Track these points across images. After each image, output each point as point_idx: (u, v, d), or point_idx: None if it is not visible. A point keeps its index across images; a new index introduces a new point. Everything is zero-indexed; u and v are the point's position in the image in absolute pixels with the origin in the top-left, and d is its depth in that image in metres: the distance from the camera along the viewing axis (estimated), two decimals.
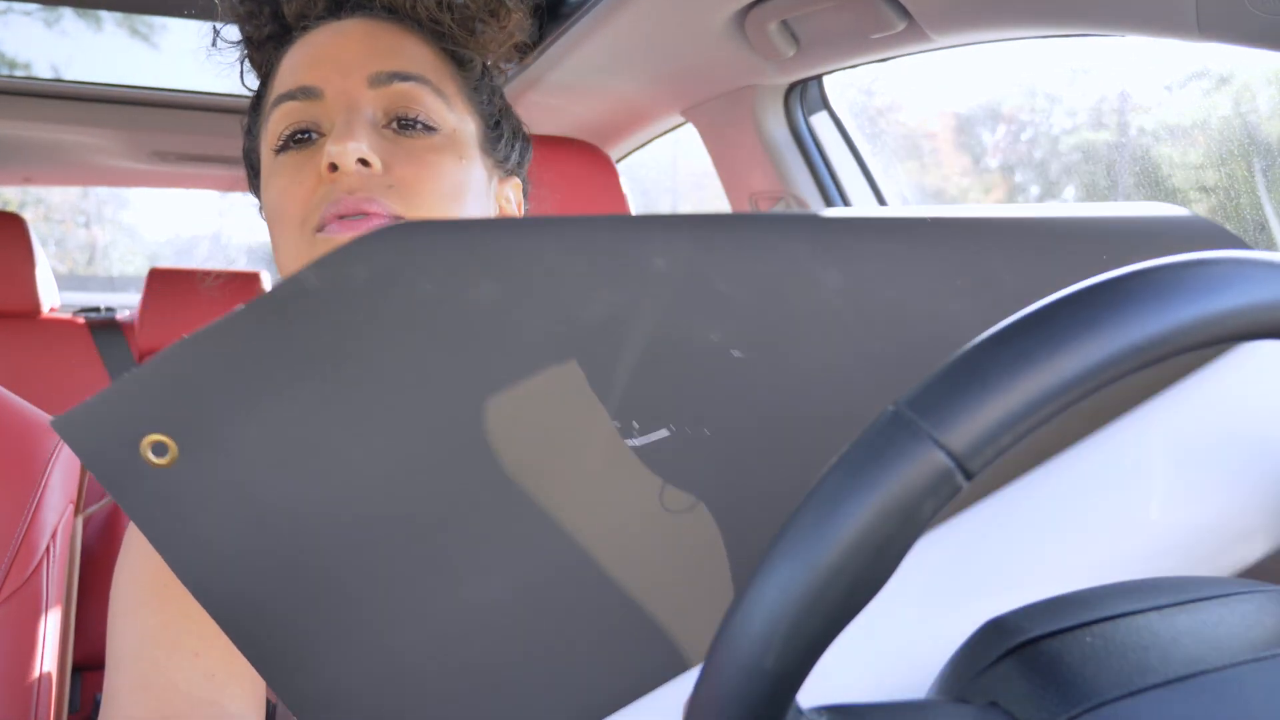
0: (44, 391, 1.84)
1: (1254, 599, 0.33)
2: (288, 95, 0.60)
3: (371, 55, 0.60)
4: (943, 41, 1.00)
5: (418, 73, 0.61)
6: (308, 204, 0.58)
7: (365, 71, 0.60)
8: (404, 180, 0.58)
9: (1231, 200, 1.26)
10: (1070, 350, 0.27)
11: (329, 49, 0.61)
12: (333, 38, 0.62)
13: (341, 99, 0.59)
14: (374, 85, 0.60)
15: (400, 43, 0.63)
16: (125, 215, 11.93)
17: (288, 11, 0.63)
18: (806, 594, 0.27)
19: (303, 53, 0.62)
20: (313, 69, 0.60)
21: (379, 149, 0.58)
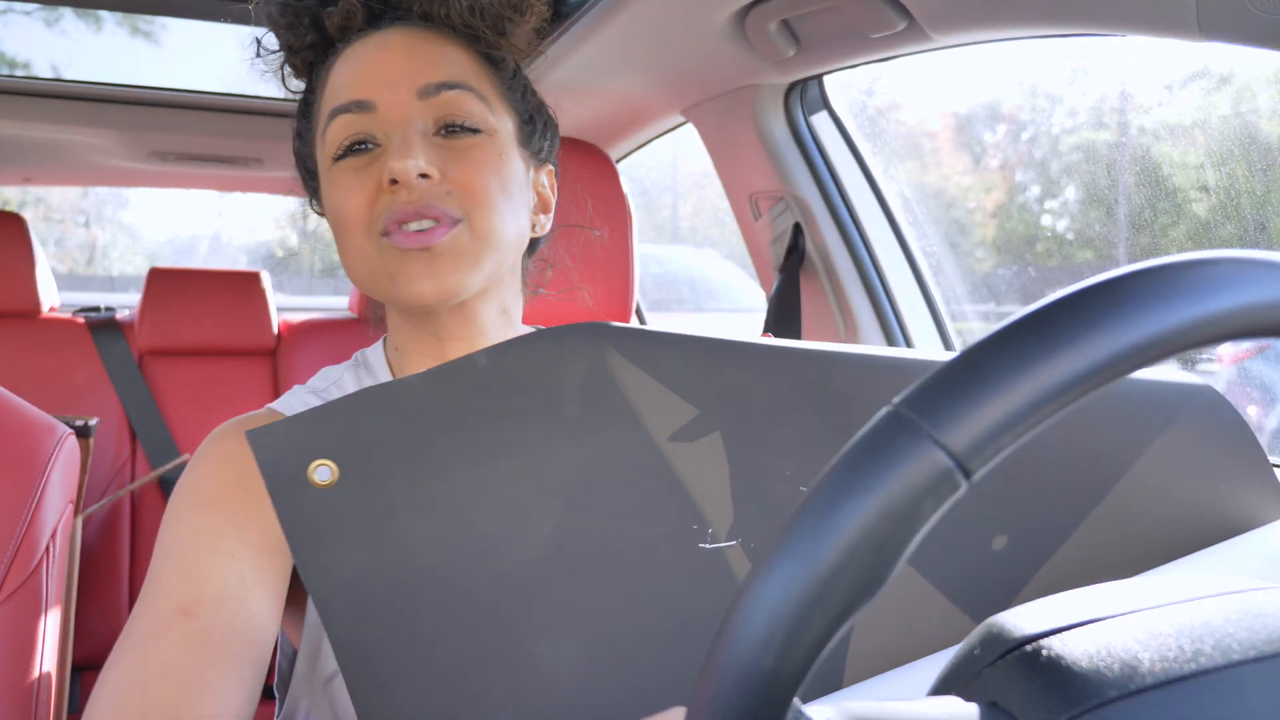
0: (44, 391, 1.84)
1: (1254, 598, 0.33)
2: (343, 109, 0.65)
3: (417, 68, 0.66)
4: (943, 41, 1.00)
5: (461, 80, 0.67)
6: (371, 211, 0.64)
7: (414, 85, 0.65)
8: (458, 183, 0.65)
9: (1232, 200, 1.26)
10: (1070, 350, 0.27)
11: (377, 63, 0.66)
12: (379, 51, 0.66)
13: (393, 111, 0.65)
14: (423, 97, 0.65)
15: (440, 52, 0.67)
16: (125, 215, 11.91)
17: (329, 24, 0.67)
18: (806, 594, 0.27)
19: (352, 67, 0.67)
20: (364, 84, 0.65)
21: (432, 157, 0.64)
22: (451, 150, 0.65)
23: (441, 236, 0.63)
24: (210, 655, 0.54)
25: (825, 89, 1.34)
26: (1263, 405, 2.03)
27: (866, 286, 1.33)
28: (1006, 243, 3.58)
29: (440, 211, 0.63)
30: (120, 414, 1.87)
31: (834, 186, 1.34)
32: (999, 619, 0.33)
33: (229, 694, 0.54)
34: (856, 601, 0.27)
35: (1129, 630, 0.31)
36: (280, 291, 2.63)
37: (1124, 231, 1.61)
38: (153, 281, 1.98)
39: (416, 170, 0.62)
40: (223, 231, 13.97)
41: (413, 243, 0.63)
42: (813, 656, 0.27)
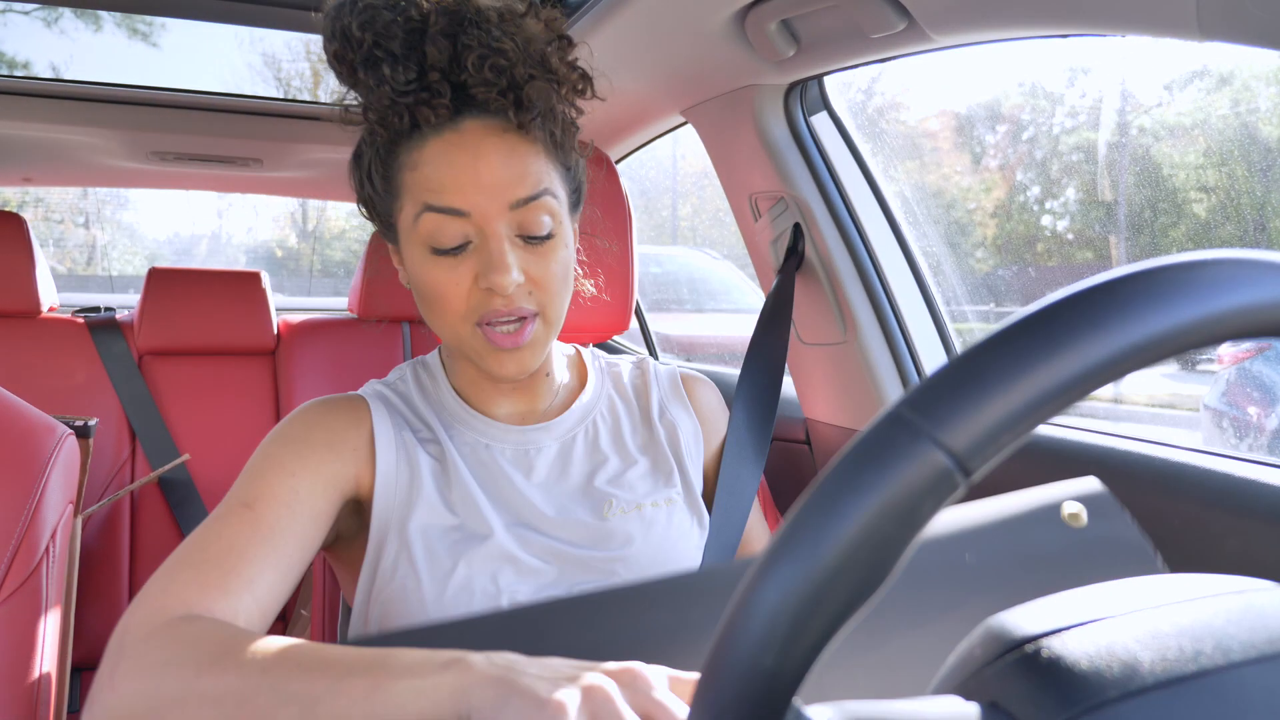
0: (43, 391, 1.84)
1: (1254, 598, 0.33)
2: (440, 210, 0.76)
3: (509, 182, 0.76)
4: (943, 41, 1.00)
5: (543, 189, 0.77)
6: (467, 303, 0.78)
7: (506, 199, 0.76)
8: (538, 283, 0.78)
9: (1232, 200, 1.26)
10: (1070, 350, 0.27)
11: (471, 172, 0.75)
12: (472, 160, 0.75)
13: (487, 223, 0.76)
14: (513, 209, 0.76)
15: (525, 160, 0.77)
16: (125, 215, 11.88)
17: (420, 116, 0.76)
18: (806, 593, 0.27)
19: (447, 170, 0.76)
20: (461, 192, 0.75)
21: (518, 260, 0.77)
22: (531, 252, 0.78)
23: (526, 336, 0.78)
24: (260, 537, 0.70)
25: (825, 89, 1.34)
26: (1263, 405, 2.03)
27: (866, 287, 1.32)
28: (1006, 243, 3.58)
29: (524, 311, 0.78)
30: (120, 414, 1.87)
31: (834, 187, 1.34)
32: (999, 619, 0.33)
33: (267, 570, 0.69)
34: (856, 601, 0.27)
35: (1129, 630, 0.31)
36: (279, 292, 2.63)
37: (1124, 231, 1.61)
38: (152, 281, 1.98)
39: (514, 284, 0.76)
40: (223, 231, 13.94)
41: (506, 343, 0.78)
42: (813, 656, 0.27)
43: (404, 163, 0.78)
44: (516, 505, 0.83)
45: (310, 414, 0.82)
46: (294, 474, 0.75)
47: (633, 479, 0.88)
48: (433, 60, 0.74)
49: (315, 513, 0.75)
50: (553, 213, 0.78)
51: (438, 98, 0.75)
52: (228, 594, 0.66)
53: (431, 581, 0.77)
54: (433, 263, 0.77)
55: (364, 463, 0.82)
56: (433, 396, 0.89)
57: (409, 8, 0.74)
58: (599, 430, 0.91)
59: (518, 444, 0.87)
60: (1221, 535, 0.87)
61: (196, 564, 0.67)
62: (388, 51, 0.74)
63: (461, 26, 0.74)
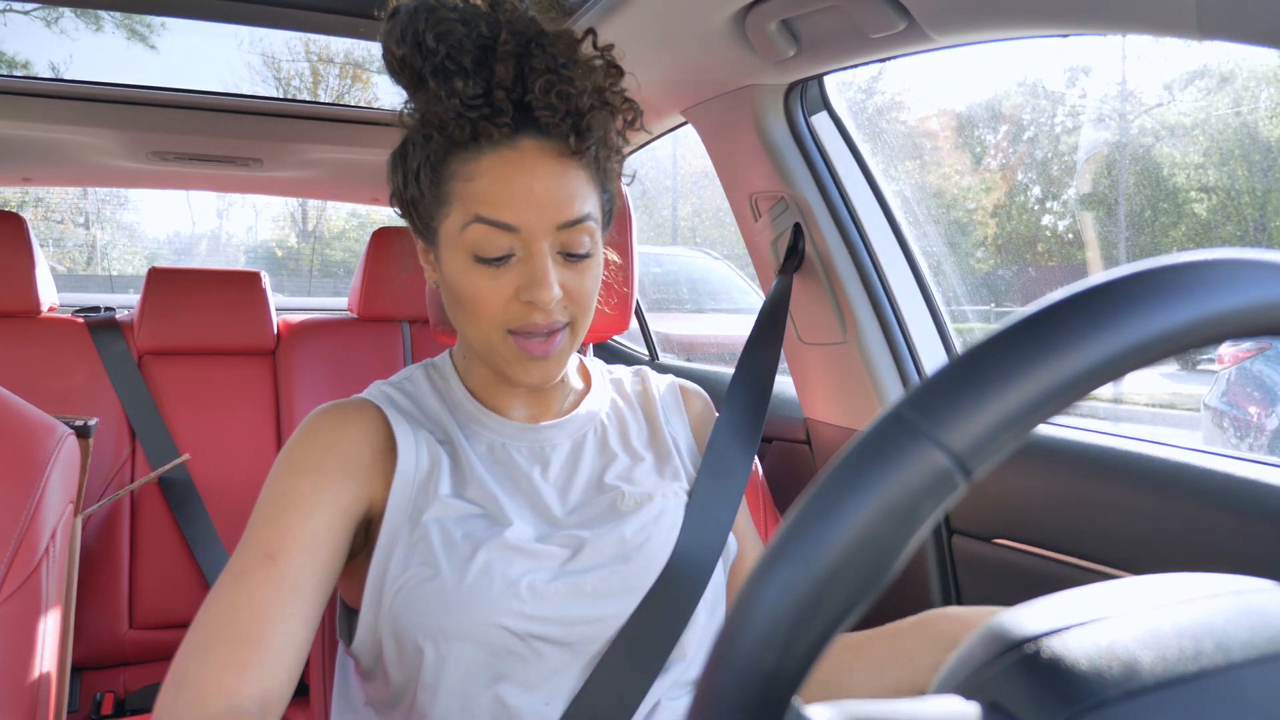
0: (44, 391, 1.84)
1: (1254, 598, 0.33)
2: (489, 222, 0.78)
3: (559, 204, 0.78)
4: (943, 41, 1.00)
5: (588, 214, 0.80)
6: (504, 312, 0.80)
7: (554, 219, 0.78)
8: (573, 297, 0.81)
9: (1232, 200, 1.26)
10: (1070, 350, 0.27)
11: (524, 189, 0.77)
12: (526, 178, 0.78)
13: (534, 240, 0.78)
14: (559, 229, 0.79)
15: (574, 184, 0.79)
16: (125, 215, 11.88)
17: (482, 130, 0.78)
18: (806, 594, 0.27)
19: (501, 185, 0.78)
20: (513, 208, 0.77)
21: (558, 276, 0.79)
22: (571, 269, 0.81)
23: (556, 345, 0.82)
24: (286, 593, 0.72)
25: (825, 89, 1.34)
26: (1263, 405, 2.03)
27: (867, 286, 1.32)
28: (1006, 243, 3.58)
29: (559, 325, 0.81)
30: (120, 414, 1.87)
31: (834, 187, 1.34)
32: (999, 619, 0.33)
33: (299, 625, 0.72)
34: (856, 601, 0.27)
35: (1129, 630, 0.31)
36: (279, 292, 2.63)
37: (1124, 231, 1.61)
38: (152, 281, 1.98)
39: (554, 301, 0.78)
40: (223, 231, 13.94)
41: (537, 352, 0.81)
42: (813, 656, 0.27)
43: (457, 172, 0.80)
44: (531, 496, 0.86)
45: (322, 432, 0.83)
46: (311, 514, 0.77)
47: (641, 475, 0.91)
48: (500, 78, 0.76)
49: (334, 549, 0.77)
50: (592, 234, 0.81)
51: (501, 115, 0.77)
52: (264, 676, 0.69)
53: (451, 569, 0.78)
54: (475, 270, 0.80)
55: (376, 477, 0.83)
56: (446, 397, 0.91)
57: (480, 23, 0.77)
58: (607, 430, 0.94)
59: (533, 441, 0.89)
60: (1221, 535, 0.87)
61: (228, 639, 0.69)
62: (459, 65, 0.76)
63: (528, 48, 0.77)
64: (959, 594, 1.21)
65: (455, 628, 0.77)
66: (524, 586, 0.78)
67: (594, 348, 1.50)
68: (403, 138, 0.85)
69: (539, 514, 0.85)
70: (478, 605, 0.77)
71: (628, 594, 0.82)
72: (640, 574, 0.83)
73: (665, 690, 0.83)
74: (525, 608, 0.78)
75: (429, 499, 0.83)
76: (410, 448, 0.84)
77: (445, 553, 0.79)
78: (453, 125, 0.78)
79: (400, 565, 0.80)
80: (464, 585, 0.78)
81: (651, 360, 2.22)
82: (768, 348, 1.18)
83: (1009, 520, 1.11)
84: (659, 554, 0.85)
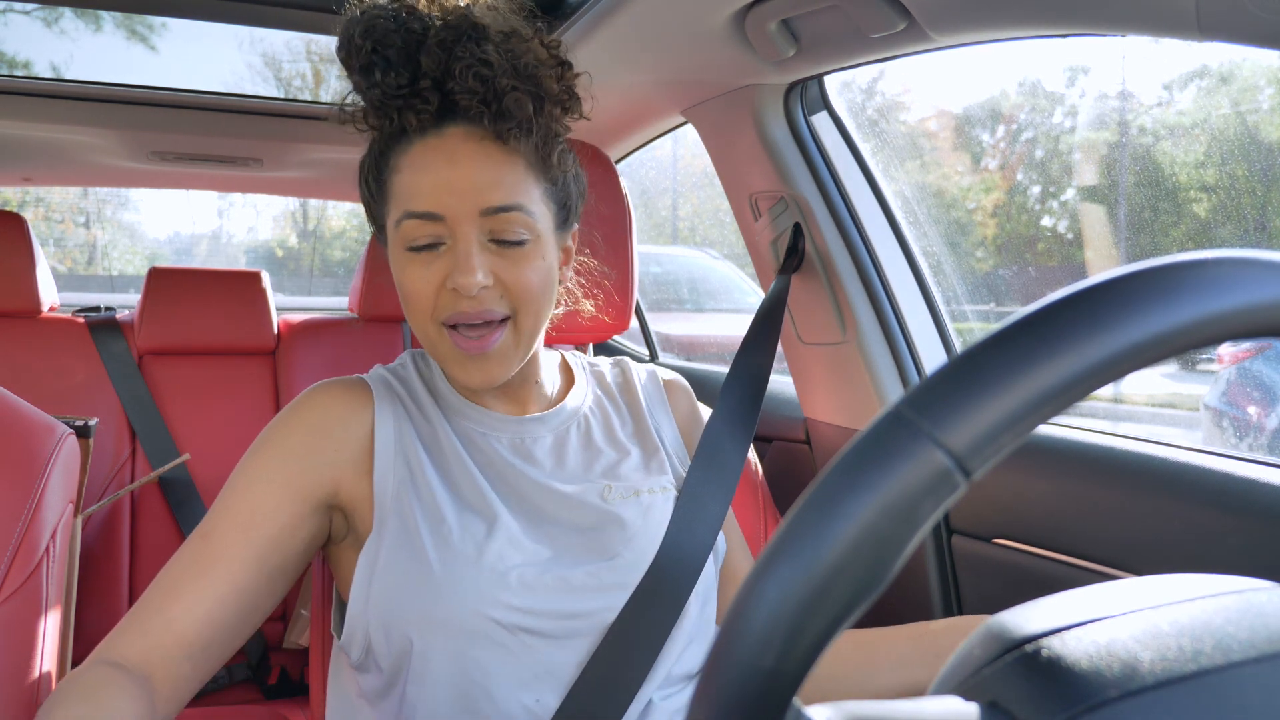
0: (44, 391, 1.84)
1: (1254, 598, 0.33)
2: (415, 215, 0.79)
3: (482, 188, 0.78)
4: (943, 41, 1.00)
5: (516, 203, 0.79)
6: (435, 302, 0.80)
7: (477, 205, 0.78)
8: (508, 287, 0.80)
9: (1232, 200, 1.26)
10: (1070, 350, 0.27)
11: (446, 179, 0.78)
12: (449, 168, 0.78)
13: (458, 225, 0.78)
14: (484, 215, 0.78)
15: (500, 170, 0.79)
16: (125, 215, 11.89)
17: (406, 120, 0.80)
18: (806, 593, 0.27)
19: (426, 177, 0.79)
20: (436, 198, 0.78)
21: (487, 264, 0.79)
22: (503, 257, 0.80)
23: (494, 343, 0.80)
24: (202, 567, 0.77)
25: (825, 89, 1.34)
26: (1263, 405, 2.03)
27: (867, 286, 1.32)
28: (1007, 242, 3.58)
29: (493, 314, 0.80)
30: (120, 414, 1.87)
31: (834, 186, 1.34)
32: (999, 619, 0.33)
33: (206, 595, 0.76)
34: (856, 601, 0.27)
35: (1129, 630, 0.31)
36: (280, 292, 2.64)
37: (1124, 231, 1.61)
38: (153, 281, 1.98)
39: (478, 286, 0.77)
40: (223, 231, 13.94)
41: (472, 349, 0.80)
42: (813, 656, 0.27)
43: (394, 165, 0.82)
44: (518, 487, 0.86)
45: (300, 412, 0.85)
46: (258, 494, 0.80)
47: (627, 469, 0.91)
48: (426, 68, 0.78)
49: (279, 526, 0.80)
50: (528, 226, 0.80)
51: (424, 104, 0.78)
52: (145, 636, 0.74)
53: (439, 559, 0.79)
54: (407, 260, 0.80)
55: (352, 461, 0.84)
56: (431, 387, 0.92)
57: (411, 20, 0.78)
58: (591, 425, 0.94)
59: (515, 433, 0.89)
60: (1221, 535, 0.87)
61: (135, 608, 0.76)
62: (383, 57, 0.78)
63: (459, 40, 0.78)
64: (959, 594, 1.21)
65: (442, 617, 0.77)
66: (513, 578, 0.78)
67: (594, 348, 1.50)
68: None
69: (525, 507, 0.85)
70: (465, 595, 0.77)
71: (617, 589, 0.82)
72: (629, 569, 0.83)
73: (657, 687, 0.83)
74: (514, 600, 0.78)
75: (414, 488, 0.83)
76: (389, 437, 0.85)
77: (433, 543, 0.79)
78: (379, 116, 0.81)
79: (389, 556, 0.80)
80: (452, 575, 0.78)
81: (652, 360, 2.22)
82: (764, 346, 1.19)
83: (1009, 520, 1.11)
84: (647, 549, 0.85)
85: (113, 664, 0.72)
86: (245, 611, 0.78)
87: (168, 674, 0.74)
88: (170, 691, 0.74)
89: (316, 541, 0.85)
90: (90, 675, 0.70)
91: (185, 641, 0.75)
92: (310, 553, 0.84)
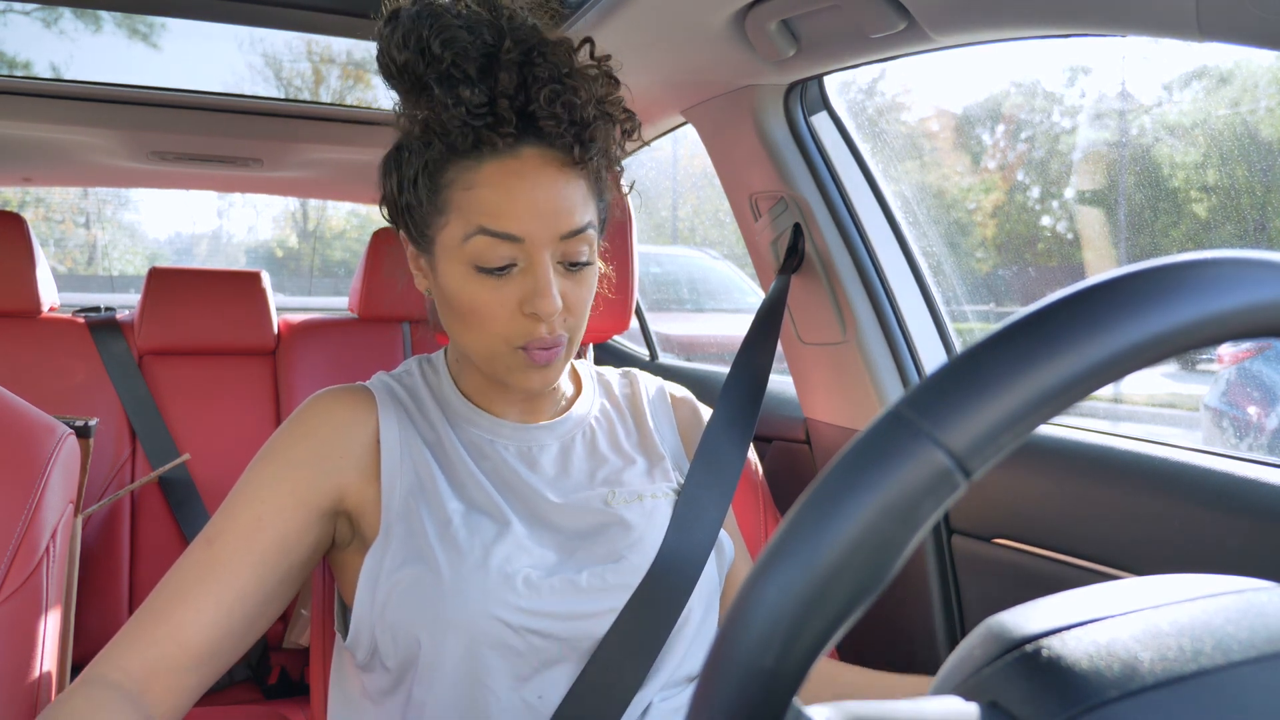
0: (44, 391, 1.84)
1: (1254, 598, 0.33)
2: (495, 234, 0.77)
3: (562, 213, 0.78)
4: (943, 41, 1.00)
5: (589, 223, 0.81)
6: (509, 326, 0.80)
7: (557, 230, 0.78)
8: (572, 309, 0.82)
9: (1232, 200, 1.26)
10: (1070, 350, 0.27)
11: (527, 200, 0.77)
12: (529, 189, 0.77)
13: (537, 251, 0.78)
14: (562, 239, 0.79)
15: (576, 193, 0.79)
16: (125, 215, 11.90)
17: (485, 139, 0.78)
18: (806, 594, 0.27)
19: (504, 195, 0.77)
20: (516, 219, 0.77)
21: (560, 288, 0.80)
22: (571, 279, 0.81)
23: (558, 355, 0.82)
24: (207, 573, 0.77)
25: (825, 89, 1.34)
26: (1263, 405, 2.03)
27: (866, 286, 1.32)
28: (1007, 243, 3.58)
29: (562, 339, 0.82)
30: (120, 414, 1.87)
31: (834, 187, 1.34)
32: (999, 619, 0.33)
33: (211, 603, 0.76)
34: (856, 601, 0.27)
35: (1129, 630, 0.31)
36: (280, 292, 2.64)
37: (1124, 231, 1.61)
38: (153, 281, 1.98)
39: (557, 312, 0.79)
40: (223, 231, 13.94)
41: (544, 360, 0.81)
42: (813, 656, 0.27)
43: (456, 180, 0.79)
44: (523, 493, 0.86)
45: (304, 420, 0.86)
46: (263, 501, 0.80)
47: (631, 477, 0.91)
48: (504, 87, 0.76)
49: (284, 534, 0.80)
50: (591, 243, 0.82)
51: (504, 124, 0.77)
52: (152, 646, 0.74)
53: (447, 562, 0.79)
54: (477, 281, 0.79)
55: (356, 469, 0.84)
56: (438, 394, 0.92)
57: (484, 31, 0.76)
58: (596, 433, 0.94)
59: (521, 441, 0.90)
60: (1221, 535, 0.87)
61: (138, 615, 0.76)
62: (464, 73, 0.76)
63: (530, 57, 0.77)
64: (959, 594, 1.21)
65: (451, 618, 0.77)
66: (520, 581, 0.79)
67: (594, 348, 1.50)
68: (397, 142, 0.85)
69: (531, 511, 0.85)
70: (474, 596, 0.77)
71: (621, 590, 0.82)
72: (633, 571, 0.83)
73: (658, 690, 0.84)
74: (521, 601, 0.78)
75: (422, 495, 0.83)
76: (394, 444, 0.85)
77: (441, 547, 0.80)
78: (456, 133, 0.77)
79: (395, 561, 0.80)
80: (460, 577, 0.78)
81: (651, 360, 2.22)
82: (764, 347, 1.19)
83: (1009, 520, 1.11)
84: (651, 550, 0.85)
85: (108, 682, 0.71)
86: (250, 619, 0.78)
87: (171, 684, 0.73)
88: (172, 702, 0.74)
89: (321, 548, 0.85)
90: (79, 699, 0.69)
91: (191, 650, 0.74)
92: (315, 559, 0.84)
